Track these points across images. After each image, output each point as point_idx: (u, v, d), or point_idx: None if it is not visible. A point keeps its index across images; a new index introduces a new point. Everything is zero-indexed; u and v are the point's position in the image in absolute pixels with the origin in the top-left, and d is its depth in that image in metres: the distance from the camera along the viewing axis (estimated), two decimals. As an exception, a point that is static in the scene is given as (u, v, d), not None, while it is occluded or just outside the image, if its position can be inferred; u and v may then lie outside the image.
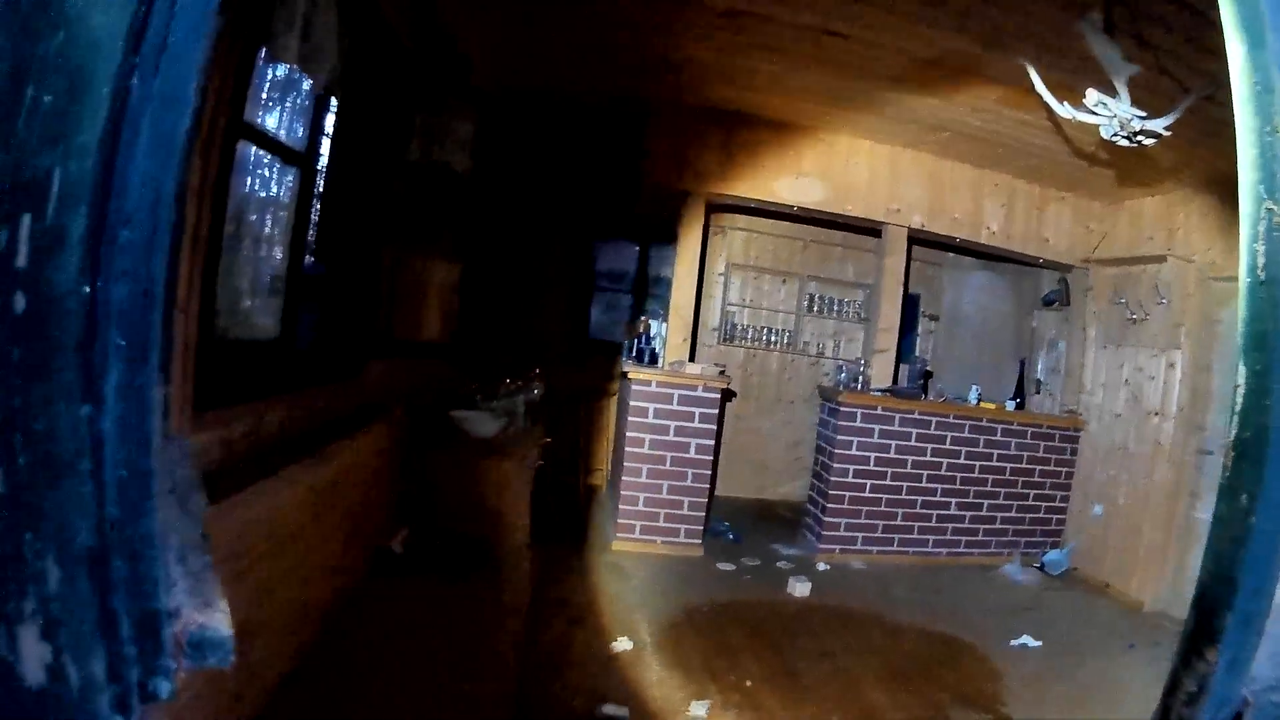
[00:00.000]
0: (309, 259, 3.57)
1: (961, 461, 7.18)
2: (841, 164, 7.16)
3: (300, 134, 3.27)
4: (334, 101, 3.46)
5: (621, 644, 4.54)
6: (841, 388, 7.18)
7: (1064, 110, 4.14)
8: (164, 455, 0.77)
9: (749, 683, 4.24)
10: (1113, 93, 3.84)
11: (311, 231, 3.53)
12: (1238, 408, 0.96)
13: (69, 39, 0.58)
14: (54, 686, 0.66)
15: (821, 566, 6.60)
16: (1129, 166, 6.40)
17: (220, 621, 0.81)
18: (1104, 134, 4.05)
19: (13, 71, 0.55)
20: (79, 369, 0.66)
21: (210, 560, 0.84)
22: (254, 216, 3.06)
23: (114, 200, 0.65)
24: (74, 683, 0.66)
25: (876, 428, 6.92)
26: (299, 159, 3.24)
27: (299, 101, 3.23)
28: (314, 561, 2.81)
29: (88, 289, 0.65)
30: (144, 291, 0.69)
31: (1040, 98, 4.33)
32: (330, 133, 3.55)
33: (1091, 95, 3.87)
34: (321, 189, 3.58)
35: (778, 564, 6.54)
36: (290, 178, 3.22)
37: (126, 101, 0.64)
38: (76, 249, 0.63)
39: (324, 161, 3.54)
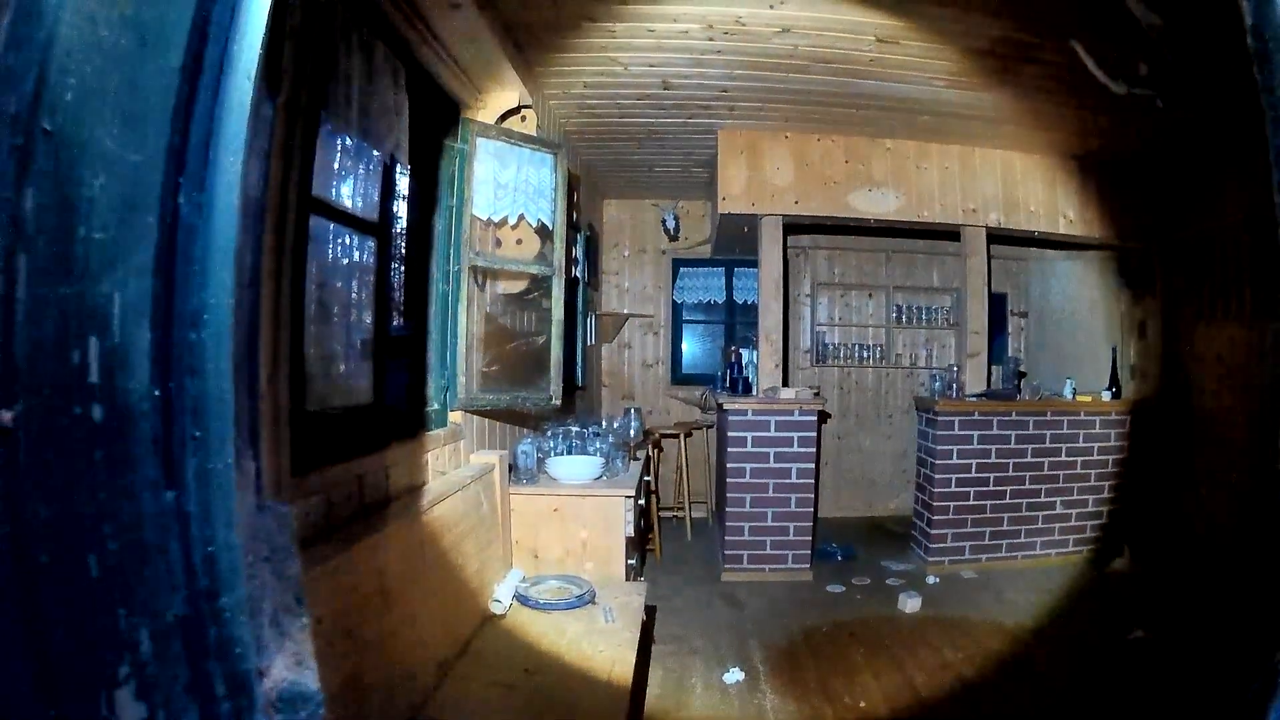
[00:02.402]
0: (396, 319, 3.72)
1: (1063, 459, 6.99)
2: (912, 170, 7.07)
3: (374, 200, 3.41)
4: (401, 166, 3.59)
5: (735, 674, 4.55)
6: (937, 397, 7.06)
7: (1117, 87, 4.09)
8: (258, 525, 0.86)
9: (862, 703, 4.22)
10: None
11: (396, 293, 3.68)
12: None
13: (110, 177, 0.68)
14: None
15: (931, 579, 6.49)
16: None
17: (309, 678, 0.89)
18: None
19: (63, 214, 0.64)
20: (159, 461, 0.74)
21: (305, 622, 0.92)
22: (338, 285, 3.19)
23: (176, 307, 0.74)
24: (168, 739, 0.75)
25: (975, 433, 6.80)
26: (374, 226, 3.38)
27: (370, 169, 3.37)
28: (426, 612, 2.91)
29: (159, 392, 0.73)
30: (214, 383, 0.78)
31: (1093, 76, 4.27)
32: (403, 195, 3.69)
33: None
34: (401, 251, 3.73)
35: (888, 581, 6.47)
36: (369, 244, 3.36)
37: (176, 220, 0.73)
38: (144, 358, 0.72)
39: (401, 224, 3.69)
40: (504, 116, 4.59)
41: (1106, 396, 7.23)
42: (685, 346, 9.59)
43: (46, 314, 0.62)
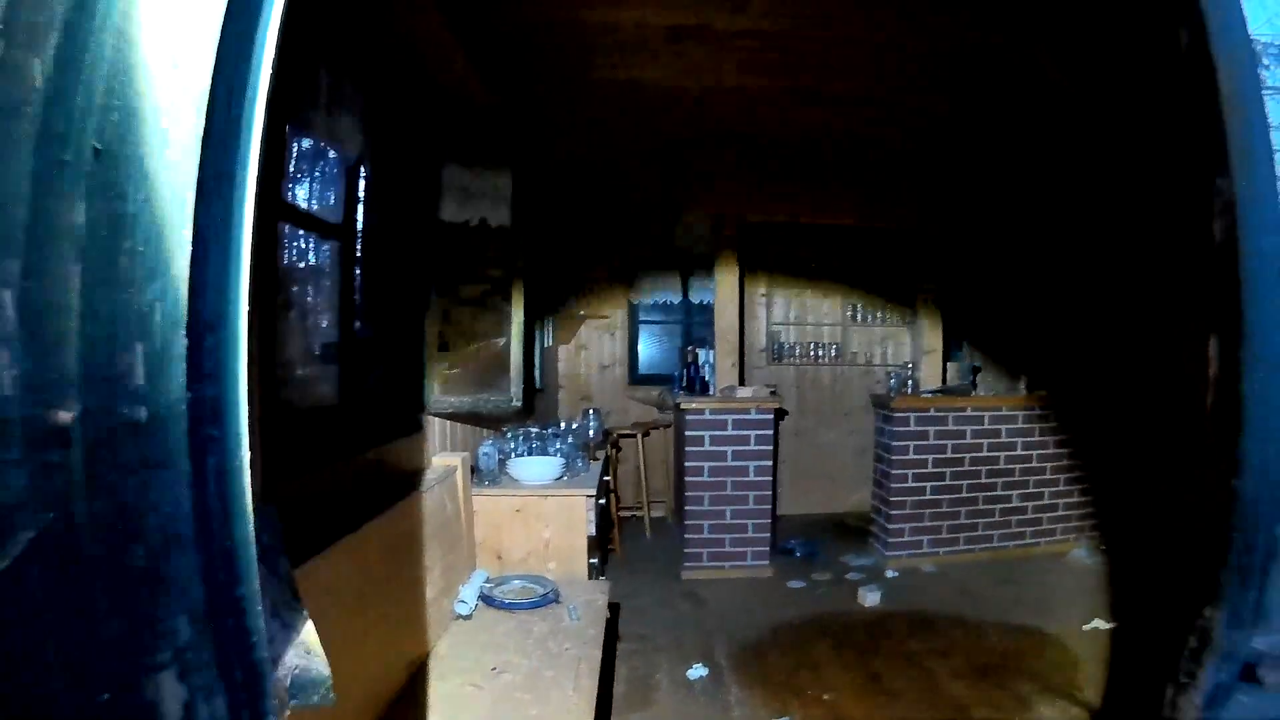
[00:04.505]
0: (359, 324, 3.72)
1: (1019, 453, 7.12)
2: (871, 174, 7.20)
3: (333, 202, 3.40)
4: (364, 169, 3.61)
5: (699, 670, 4.61)
6: (892, 393, 7.17)
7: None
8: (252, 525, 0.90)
9: (826, 695, 4.30)
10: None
11: (358, 296, 3.69)
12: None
13: (150, 194, 0.73)
14: (189, 720, 0.79)
15: (891, 574, 6.60)
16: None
17: (318, 664, 0.94)
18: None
19: (112, 227, 0.70)
20: (189, 459, 0.79)
21: (304, 612, 0.97)
22: (298, 290, 3.20)
23: (200, 316, 0.79)
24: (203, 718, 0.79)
25: (931, 429, 6.91)
26: (336, 229, 3.38)
27: (332, 171, 3.37)
28: (393, 615, 2.94)
29: (190, 393, 0.78)
30: (230, 386, 0.82)
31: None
32: (364, 198, 3.70)
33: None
34: (361, 254, 3.73)
35: (848, 576, 6.56)
36: (329, 247, 3.36)
37: (203, 234, 0.78)
38: (180, 363, 0.77)
39: (361, 227, 3.68)
40: (468, 122, 4.60)
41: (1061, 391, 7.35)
42: (642, 347, 9.60)
43: (99, 321, 0.67)
